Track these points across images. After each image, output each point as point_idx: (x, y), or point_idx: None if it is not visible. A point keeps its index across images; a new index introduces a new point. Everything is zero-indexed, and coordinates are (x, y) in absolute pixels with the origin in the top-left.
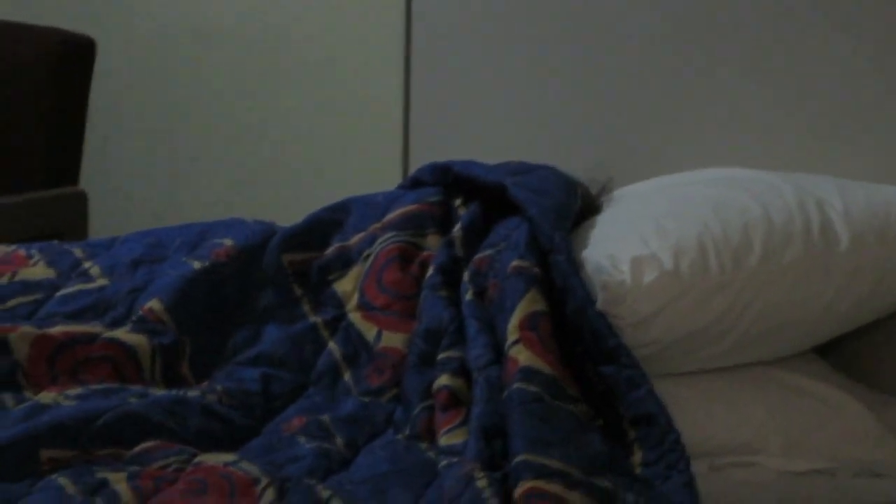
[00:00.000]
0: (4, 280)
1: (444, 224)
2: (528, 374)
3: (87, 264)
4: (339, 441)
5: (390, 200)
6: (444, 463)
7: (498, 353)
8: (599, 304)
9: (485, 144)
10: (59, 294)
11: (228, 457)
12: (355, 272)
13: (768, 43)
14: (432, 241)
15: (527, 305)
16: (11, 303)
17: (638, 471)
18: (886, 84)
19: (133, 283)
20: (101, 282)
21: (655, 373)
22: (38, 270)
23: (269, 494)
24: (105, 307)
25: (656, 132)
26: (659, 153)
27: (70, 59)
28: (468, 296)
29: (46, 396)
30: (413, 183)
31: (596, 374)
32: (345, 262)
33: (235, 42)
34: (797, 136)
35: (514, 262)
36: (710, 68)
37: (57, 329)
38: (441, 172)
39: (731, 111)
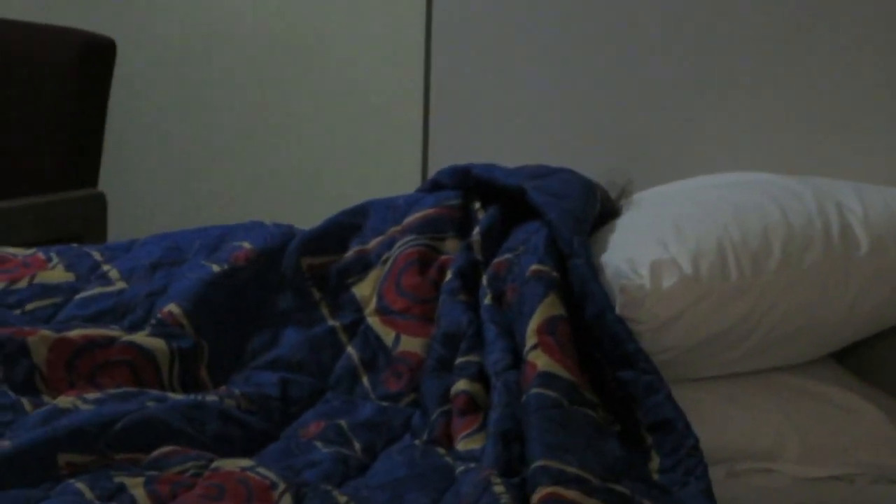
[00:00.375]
0: (24, 283)
1: (462, 227)
2: (547, 379)
3: (105, 267)
4: (357, 446)
5: (409, 203)
6: (461, 468)
7: (516, 358)
8: (618, 309)
9: (504, 148)
10: (78, 297)
11: (246, 462)
12: (374, 276)
13: (788, 46)
14: (451, 245)
15: (545, 310)
16: (30, 306)
17: (656, 477)
18: None
19: (151, 287)
20: (120, 285)
21: (673, 377)
22: (57, 274)
23: (287, 500)
24: (123, 311)
25: (675, 136)
26: (678, 157)
27: (90, 60)
28: (486, 300)
29: (64, 400)
30: (432, 186)
31: (614, 379)
32: (364, 265)
33: (255, 44)
34: (815, 140)
35: (533, 266)
36: (730, 72)
37: (75, 332)
38: (461, 175)
39: (750, 115)
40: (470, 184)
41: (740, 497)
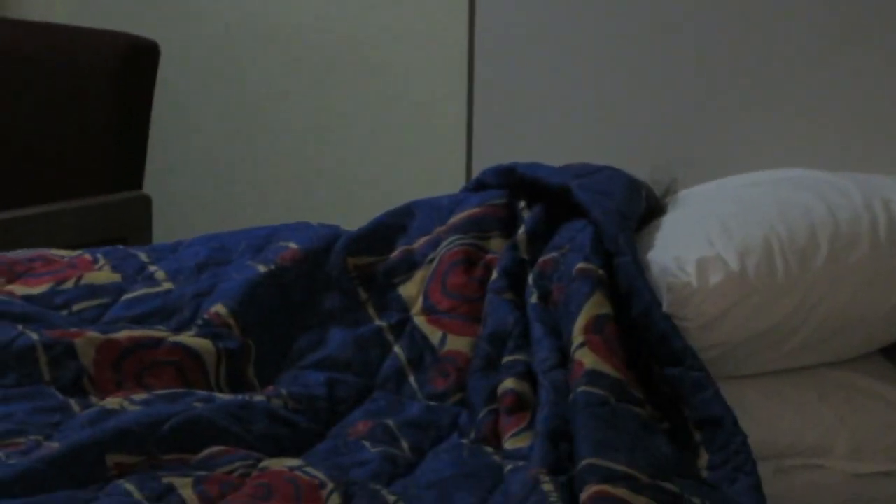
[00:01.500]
0: (70, 284)
1: (508, 226)
2: (594, 377)
3: (152, 268)
4: (405, 445)
5: (454, 203)
6: (509, 467)
7: (563, 357)
8: (665, 307)
9: (548, 146)
10: (124, 298)
11: (294, 461)
12: (420, 276)
13: (836, 43)
14: (496, 244)
15: (592, 308)
16: (77, 307)
17: (704, 474)
18: None
19: (198, 287)
20: (167, 286)
21: (720, 374)
22: (104, 275)
23: (335, 499)
24: (170, 311)
25: (720, 134)
26: (722, 155)
27: (134, 62)
28: (533, 299)
29: (112, 401)
30: (477, 185)
31: (661, 377)
32: (409, 265)
33: (297, 46)
34: (863, 136)
35: (580, 265)
36: (775, 69)
37: (122, 334)
38: (505, 174)
39: (796, 112)
40: (515, 183)
41: (789, 493)
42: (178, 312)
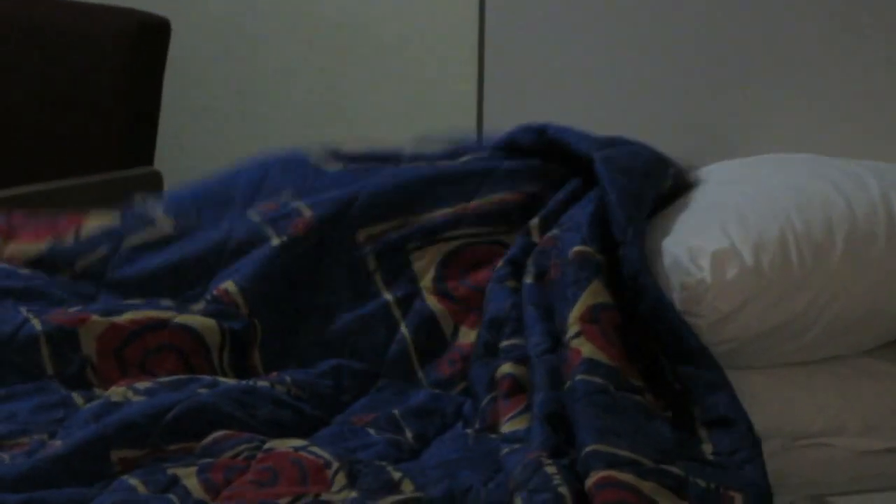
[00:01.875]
0: (70, 238)
1: (535, 215)
2: (592, 365)
3: (151, 210)
4: (409, 434)
5: (485, 171)
6: (506, 450)
7: (555, 341)
8: (678, 303)
9: (559, 122)
10: (125, 245)
11: (298, 442)
12: (435, 249)
13: (854, 26)
14: None
15: (588, 297)
16: (81, 264)
17: (710, 458)
18: None
19: (205, 244)
20: (167, 228)
21: (731, 367)
22: (104, 218)
23: (341, 478)
24: (176, 276)
25: (736, 116)
26: (739, 138)
27: (145, 39)
28: (528, 279)
29: (116, 392)
30: (509, 143)
31: (673, 374)
32: (426, 233)
33: (309, 21)
34: (881, 123)
35: (576, 248)
36: (793, 51)
37: (126, 316)
38: (537, 133)
39: (814, 97)
40: (546, 144)
41: (797, 470)
42: (187, 284)
